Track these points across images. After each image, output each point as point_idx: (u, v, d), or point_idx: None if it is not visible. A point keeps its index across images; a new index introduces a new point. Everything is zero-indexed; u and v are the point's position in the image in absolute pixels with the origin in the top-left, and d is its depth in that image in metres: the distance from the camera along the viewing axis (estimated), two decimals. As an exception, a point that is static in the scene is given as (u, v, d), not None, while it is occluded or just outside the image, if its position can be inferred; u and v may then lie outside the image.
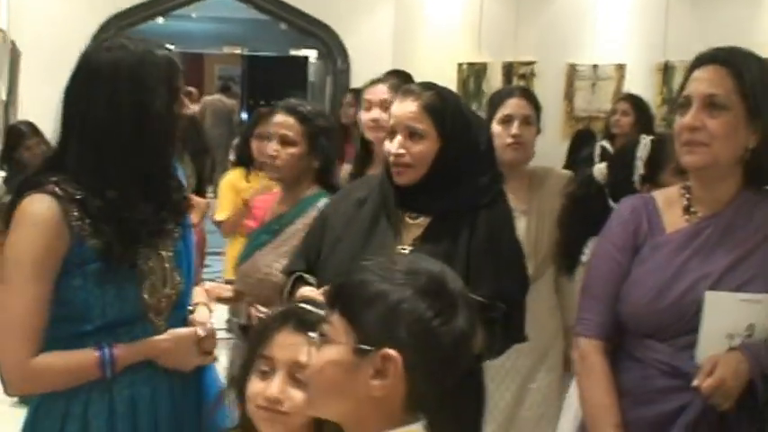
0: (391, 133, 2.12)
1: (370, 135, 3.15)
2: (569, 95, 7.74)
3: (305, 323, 1.49)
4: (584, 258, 2.59)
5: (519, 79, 7.83)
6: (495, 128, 2.93)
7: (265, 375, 1.53)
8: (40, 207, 1.74)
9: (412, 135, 2.08)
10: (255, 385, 1.53)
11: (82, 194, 1.76)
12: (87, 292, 1.77)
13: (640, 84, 7.40)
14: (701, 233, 1.89)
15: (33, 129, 5.03)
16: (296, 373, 1.49)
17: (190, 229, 2.01)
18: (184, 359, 1.88)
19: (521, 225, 2.82)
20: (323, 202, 2.61)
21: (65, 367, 1.77)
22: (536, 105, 3.01)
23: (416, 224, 2.12)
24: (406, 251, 2.06)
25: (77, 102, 1.81)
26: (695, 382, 1.78)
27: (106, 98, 1.78)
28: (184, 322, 1.94)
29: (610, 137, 5.14)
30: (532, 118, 2.94)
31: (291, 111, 2.75)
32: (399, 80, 5.16)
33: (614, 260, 1.95)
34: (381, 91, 3.16)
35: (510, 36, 7.80)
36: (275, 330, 1.54)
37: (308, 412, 1.38)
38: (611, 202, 2.56)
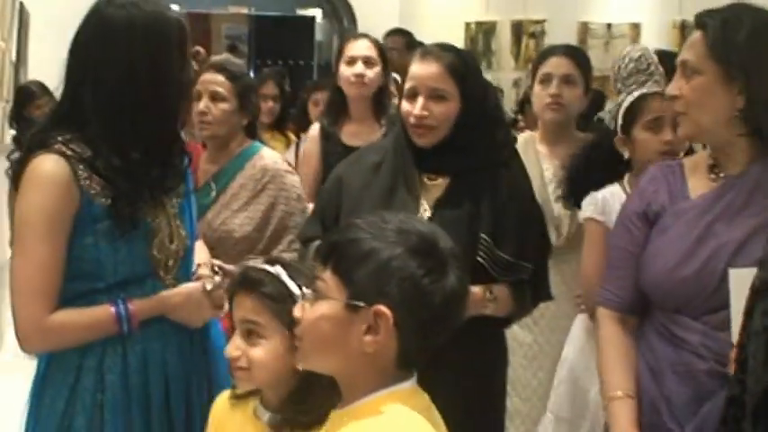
0: (411, 95, 2.10)
1: (350, 90, 3.14)
2: (582, 54, 7.66)
3: (253, 282, 1.58)
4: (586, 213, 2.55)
5: (529, 38, 7.73)
6: (536, 87, 2.88)
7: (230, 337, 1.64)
8: (48, 167, 1.74)
9: (434, 96, 2.08)
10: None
11: (90, 153, 1.77)
12: (99, 250, 1.79)
13: (656, 43, 7.29)
14: (725, 196, 1.80)
15: (43, 88, 5.06)
16: (250, 331, 1.58)
17: (189, 186, 2.03)
18: (196, 313, 1.91)
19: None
20: (265, 150, 2.78)
21: (82, 323, 1.79)
22: (583, 65, 2.89)
23: (436, 185, 2.12)
24: (428, 213, 2.07)
25: (90, 58, 1.80)
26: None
27: (122, 56, 1.77)
28: (190, 278, 1.97)
29: None
30: (574, 77, 2.82)
31: (220, 69, 2.76)
32: (404, 39, 5.08)
33: (630, 230, 1.91)
34: (366, 46, 3.16)
35: (519, -6, 7.71)
36: (233, 293, 1.64)
37: (302, 366, 1.41)
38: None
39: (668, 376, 1.80)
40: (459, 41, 7.65)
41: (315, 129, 3.33)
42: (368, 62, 3.16)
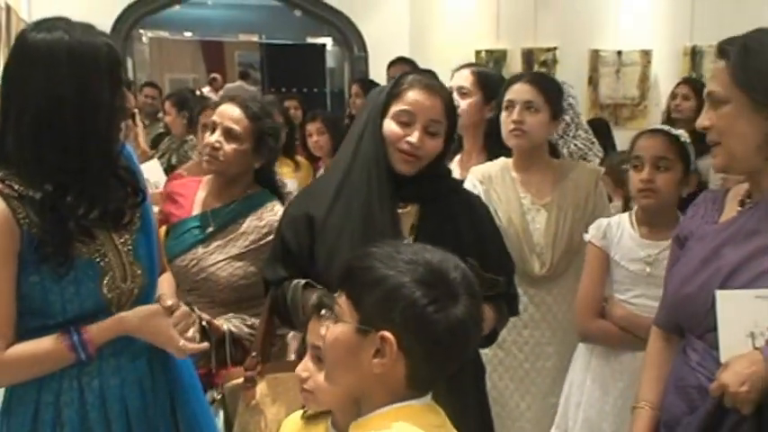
0: (406, 122, 2.09)
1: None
2: (594, 82, 7.63)
3: (322, 306, 1.63)
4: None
5: (540, 66, 7.71)
6: (502, 114, 2.88)
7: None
8: None
9: (430, 131, 2.09)
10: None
11: (23, 190, 1.73)
12: (45, 288, 1.76)
13: (667, 69, 7.28)
14: (737, 222, 1.83)
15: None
16: (319, 357, 1.60)
17: (149, 222, 1.96)
18: (158, 334, 1.85)
19: (541, 218, 2.78)
20: (272, 204, 2.62)
21: (36, 356, 1.76)
22: (549, 91, 2.86)
23: (406, 213, 2.12)
24: (409, 240, 2.07)
25: (13, 86, 1.74)
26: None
27: (41, 82, 1.70)
28: None
29: (670, 123, 4.94)
30: (537, 104, 2.79)
31: (241, 104, 2.61)
32: (410, 67, 5.10)
33: (673, 253, 1.99)
34: (459, 77, 3.19)
35: (529, 22, 7.65)
36: (308, 319, 1.71)
37: (326, 385, 1.50)
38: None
39: (670, 390, 1.87)
40: (469, 69, 7.67)
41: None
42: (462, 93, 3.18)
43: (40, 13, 6.73)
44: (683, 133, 2.55)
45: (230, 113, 2.57)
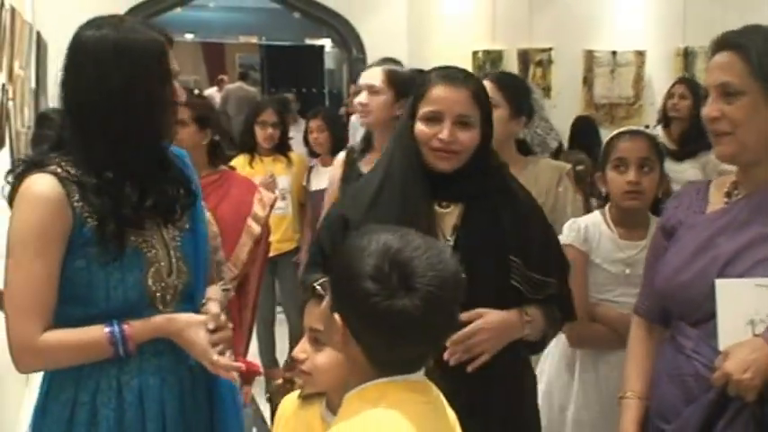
0: (434, 119, 2.03)
1: (360, 120, 3.18)
2: (588, 82, 7.73)
3: (314, 291, 1.67)
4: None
5: (536, 66, 7.83)
6: None
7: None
8: (42, 186, 1.74)
9: (460, 123, 2.03)
10: None
11: (79, 175, 1.77)
12: (91, 274, 1.77)
13: (661, 69, 7.38)
14: (730, 211, 1.85)
15: (62, 115, 5.26)
16: (316, 339, 1.64)
17: (199, 225, 1.97)
18: (194, 344, 1.82)
19: None
20: None
21: (74, 343, 1.76)
22: (509, 88, 2.83)
23: (448, 213, 2.07)
24: (449, 242, 2.01)
25: (68, 81, 1.81)
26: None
27: (93, 78, 1.76)
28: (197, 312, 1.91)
29: (666, 122, 4.98)
30: (496, 100, 2.63)
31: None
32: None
33: (656, 245, 2.00)
34: (370, 76, 3.12)
35: (525, 23, 7.76)
36: (304, 303, 1.73)
37: (323, 366, 1.59)
38: None
39: (663, 378, 1.88)
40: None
41: (341, 155, 3.34)
42: (371, 90, 3.10)
43: (44, 16, 6.88)
44: (658, 134, 2.64)
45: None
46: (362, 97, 3.04)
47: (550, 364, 2.67)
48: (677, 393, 1.83)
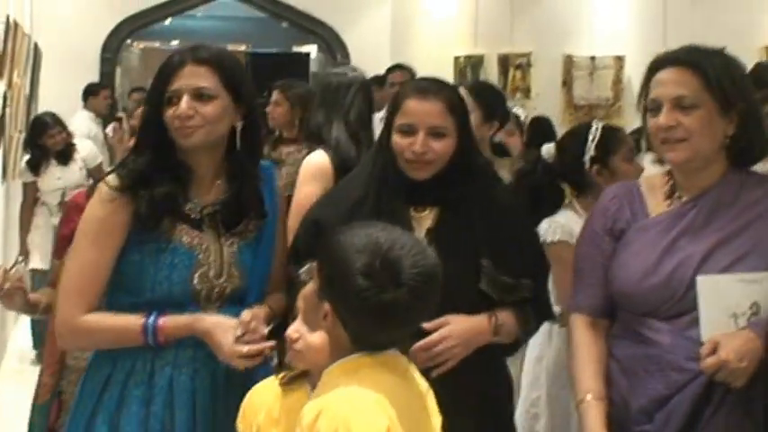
0: (408, 131, 2.07)
1: None
2: (568, 84, 7.87)
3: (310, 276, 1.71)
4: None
5: (515, 70, 7.99)
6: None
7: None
8: (105, 186, 1.95)
9: (434, 134, 2.07)
10: None
11: (144, 176, 1.95)
12: (143, 267, 1.93)
13: (639, 75, 7.49)
14: (687, 214, 1.96)
15: (56, 119, 5.70)
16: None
17: (267, 240, 2.06)
18: (221, 346, 1.88)
19: None
20: None
21: (110, 327, 1.92)
22: (480, 94, 2.99)
23: (423, 216, 2.11)
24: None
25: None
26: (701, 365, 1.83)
27: (146, 92, 2.07)
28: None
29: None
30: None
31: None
32: (409, 74, 5.29)
33: (597, 244, 2.06)
34: None
35: (506, 28, 7.90)
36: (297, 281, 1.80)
37: (315, 345, 1.62)
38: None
39: (639, 374, 1.93)
40: (448, 74, 7.92)
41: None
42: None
43: (42, 28, 7.05)
44: None
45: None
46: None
47: (546, 370, 2.75)
48: (658, 387, 1.90)
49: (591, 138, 2.68)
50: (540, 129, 6.42)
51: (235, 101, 1.96)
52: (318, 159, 2.97)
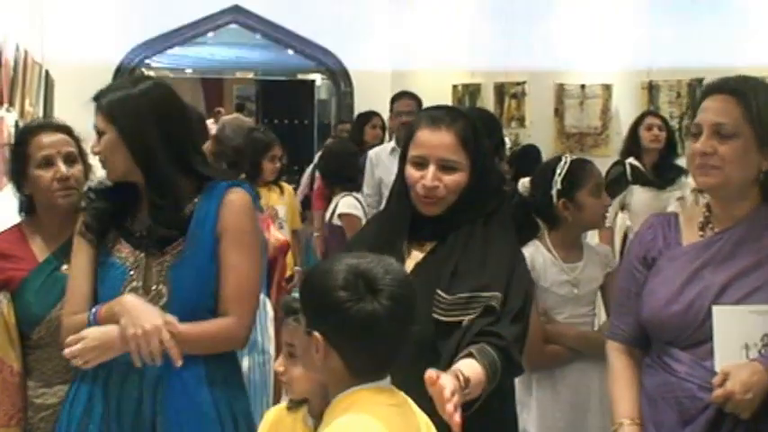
0: (420, 163, 2.02)
1: None
2: (560, 113, 8.15)
3: (291, 310, 1.79)
4: None
5: (510, 98, 8.34)
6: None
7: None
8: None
9: (445, 167, 2.00)
10: None
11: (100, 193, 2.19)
12: (98, 278, 2.12)
13: (627, 102, 7.80)
14: (714, 245, 1.97)
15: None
16: (291, 353, 1.79)
17: (200, 251, 2.08)
18: (136, 317, 1.97)
19: None
20: None
21: (74, 325, 2.08)
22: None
23: (423, 249, 2.07)
24: None
25: None
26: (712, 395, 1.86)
27: None
28: None
29: (637, 153, 5.11)
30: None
31: (63, 129, 2.46)
32: (415, 102, 5.31)
33: (633, 273, 2.08)
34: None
35: (501, 58, 8.22)
36: (281, 321, 1.87)
37: (299, 377, 1.75)
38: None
39: (659, 402, 1.97)
40: (446, 101, 8.27)
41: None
42: None
43: (54, 56, 7.30)
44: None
45: (64, 138, 2.41)
46: None
47: (532, 422, 2.68)
48: (672, 415, 1.94)
49: (558, 172, 2.68)
50: (527, 158, 6.59)
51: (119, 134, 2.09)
52: None
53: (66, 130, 2.43)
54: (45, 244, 2.38)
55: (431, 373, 1.61)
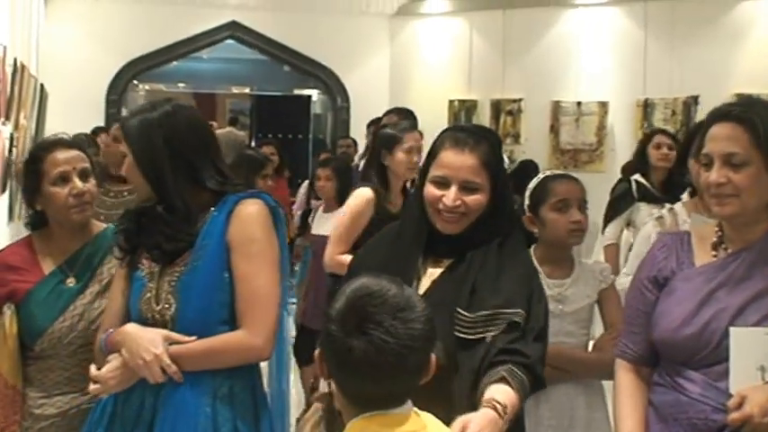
0: (442, 183, 2.04)
1: (408, 175, 3.71)
2: (555, 130, 8.20)
3: None
4: None
5: (507, 115, 8.37)
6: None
7: None
8: None
9: (467, 188, 2.03)
10: None
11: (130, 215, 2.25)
12: (131, 291, 2.18)
13: (622, 119, 7.87)
14: (728, 266, 1.96)
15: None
16: None
17: (207, 263, 2.10)
18: (135, 347, 2.05)
19: None
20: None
21: (98, 342, 2.19)
22: None
23: (438, 266, 2.06)
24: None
25: None
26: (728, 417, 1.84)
27: None
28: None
29: (643, 170, 5.03)
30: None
31: (75, 145, 2.48)
32: (404, 118, 5.52)
33: (644, 292, 2.07)
34: (418, 138, 3.76)
35: (498, 75, 8.32)
36: None
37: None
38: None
39: (669, 421, 1.96)
40: (443, 117, 8.31)
41: (368, 192, 3.70)
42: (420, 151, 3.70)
43: (48, 70, 7.25)
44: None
45: (78, 154, 2.43)
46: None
47: None
48: None
49: (529, 188, 2.70)
50: (525, 174, 6.56)
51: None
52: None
53: (79, 146, 2.47)
54: (53, 257, 2.42)
55: (457, 426, 1.65)
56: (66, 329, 2.34)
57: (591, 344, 2.72)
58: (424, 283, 2.02)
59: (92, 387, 2.09)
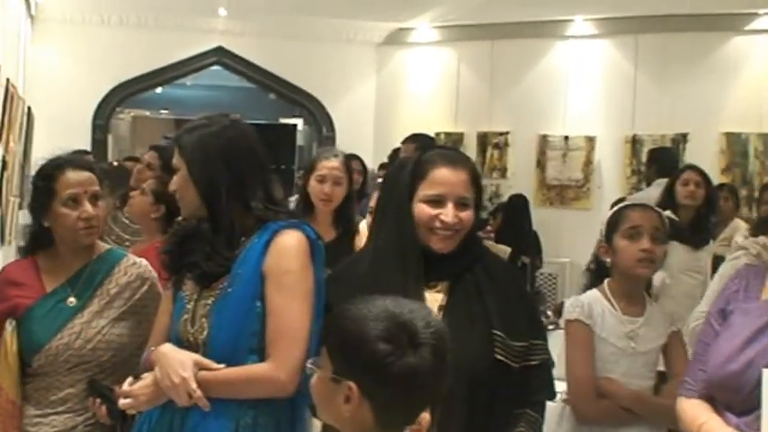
0: (437, 201, 2.05)
1: (320, 206, 3.56)
2: (541, 164, 8.16)
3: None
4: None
5: (493, 148, 8.35)
6: None
7: None
8: None
9: (461, 204, 2.06)
10: None
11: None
12: (173, 311, 2.19)
13: (610, 155, 7.85)
14: None
15: None
16: None
17: (239, 289, 2.09)
18: (166, 368, 2.05)
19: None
20: (127, 258, 2.54)
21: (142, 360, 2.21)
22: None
23: (435, 292, 2.08)
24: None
25: None
26: None
27: None
28: None
29: (673, 208, 4.55)
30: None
31: (87, 167, 2.50)
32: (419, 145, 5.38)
33: (712, 326, 2.00)
34: (335, 166, 3.56)
35: (485, 108, 8.29)
36: None
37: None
38: None
39: None
40: (429, 150, 8.27)
41: (364, 225, 3.58)
42: (336, 181, 3.56)
43: (35, 93, 7.14)
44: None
45: (90, 177, 2.45)
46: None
47: None
48: None
49: (603, 220, 2.72)
50: (515, 208, 6.38)
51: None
52: None
53: (90, 167, 2.48)
54: (57, 275, 2.44)
55: None
56: (63, 347, 2.36)
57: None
58: (432, 306, 1.99)
59: (122, 402, 2.11)
